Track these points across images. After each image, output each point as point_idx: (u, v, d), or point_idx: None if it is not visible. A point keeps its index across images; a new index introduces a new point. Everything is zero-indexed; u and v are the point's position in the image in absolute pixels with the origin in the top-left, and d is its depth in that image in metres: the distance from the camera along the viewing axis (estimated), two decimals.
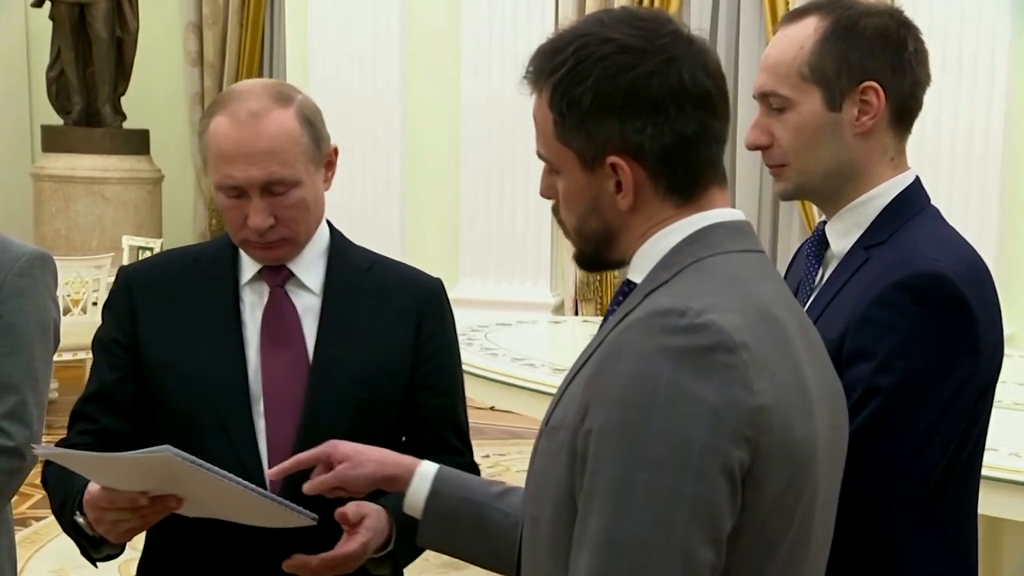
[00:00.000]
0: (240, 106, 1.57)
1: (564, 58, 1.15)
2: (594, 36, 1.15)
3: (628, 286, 1.21)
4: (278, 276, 1.67)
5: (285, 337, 1.65)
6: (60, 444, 1.68)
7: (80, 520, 1.55)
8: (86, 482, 1.52)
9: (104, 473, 1.46)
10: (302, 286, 1.68)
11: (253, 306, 1.67)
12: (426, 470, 1.44)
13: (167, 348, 1.65)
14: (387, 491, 1.48)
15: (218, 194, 1.61)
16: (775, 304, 1.14)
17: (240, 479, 1.42)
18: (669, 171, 1.15)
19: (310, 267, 1.68)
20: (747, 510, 1.06)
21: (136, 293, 1.69)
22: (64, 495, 1.59)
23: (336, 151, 1.67)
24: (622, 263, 1.22)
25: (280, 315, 1.66)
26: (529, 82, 1.19)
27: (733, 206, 1.22)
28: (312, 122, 1.61)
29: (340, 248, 1.73)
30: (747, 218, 1.23)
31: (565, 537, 1.09)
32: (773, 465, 1.06)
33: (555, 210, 1.24)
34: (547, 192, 1.23)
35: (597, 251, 1.22)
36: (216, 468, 1.39)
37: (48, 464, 1.66)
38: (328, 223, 1.74)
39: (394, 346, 1.67)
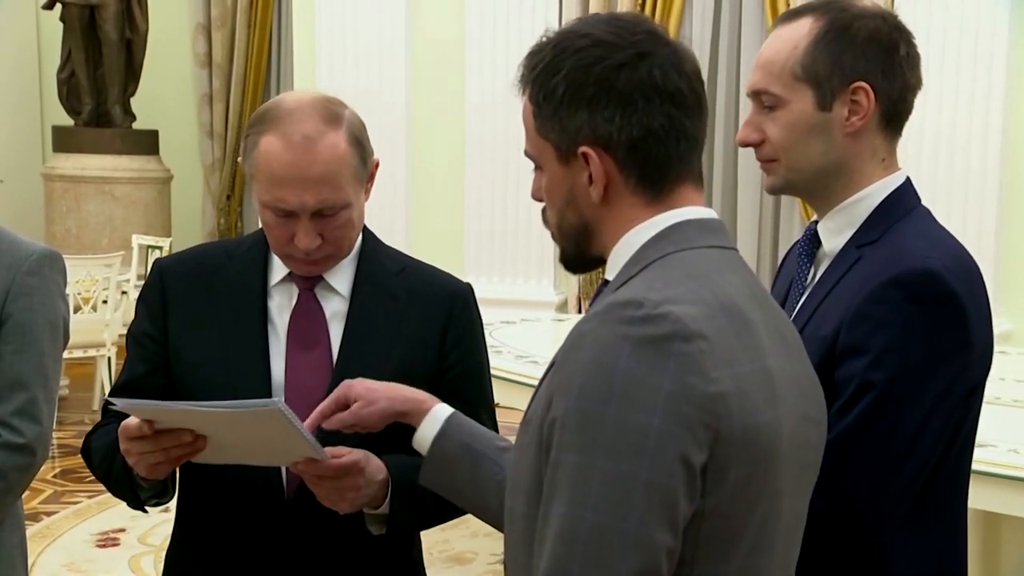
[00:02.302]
0: (293, 128, 1.56)
1: (544, 54, 1.21)
2: (572, 33, 1.21)
3: (604, 285, 1.24)
4: (308, 279, 1.67)
5: (311, 340, 1.65)
6: (92, 432, 1.71)
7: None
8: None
9: (178, 419, 1.45)
10: (331, 289, 1.67)
11: (281, 307, 1.67)
12: (439, 412, 1.46)
13: (194, 344, 1.66)
14: (403, 424, 1.49)
15: (264, 211, 1.60)
16: (741, 297, 1.17)
17: (310, 435, 1.44)
18: (638, 163, 1.18)
19: (340, 271, 1.68)
20: (709, 495, 1.08)
21: (169, 287, 1.69)
22: (110, 447, 1.60)
23: (377, 164, 1.65)
24: (602, 261, 1.25)
25: (307, 318, 1.66)
26: (519, 84, 1.24)
27: (735, 206, 1.25)
28: (360, 141, 1.61)
29: (372, 251, 1.72)
30: (749, 218, 1.26)
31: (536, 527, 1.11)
32: (734, 450, 1.08)
33: (544, 213, 1.27)
34: (537, 193, 1.27)
35: (577, 248, 1.25)
36: (307, 431, 1.41)
37: (89, 435, 1.69)
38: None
39: (418, 352, 1.66)
